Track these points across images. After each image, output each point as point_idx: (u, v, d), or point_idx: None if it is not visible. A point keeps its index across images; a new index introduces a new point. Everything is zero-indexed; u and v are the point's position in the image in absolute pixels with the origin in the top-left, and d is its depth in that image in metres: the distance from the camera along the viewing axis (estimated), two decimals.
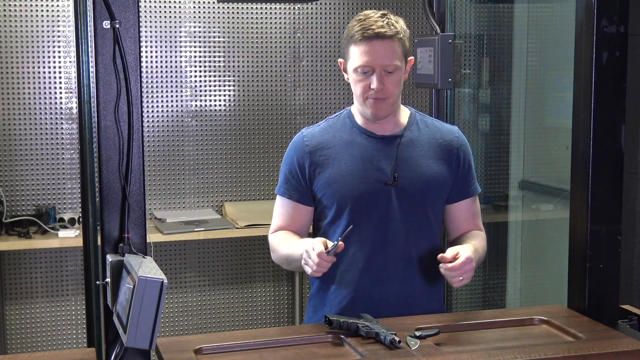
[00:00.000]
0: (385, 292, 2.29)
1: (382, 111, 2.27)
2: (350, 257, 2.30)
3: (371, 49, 2.21)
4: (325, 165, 2.32)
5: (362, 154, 2.31)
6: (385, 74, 2.23)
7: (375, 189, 2.28)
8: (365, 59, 2.22)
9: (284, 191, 2.37)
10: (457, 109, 4.14)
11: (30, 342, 4.26)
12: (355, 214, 2.29)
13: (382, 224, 2.29)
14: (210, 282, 4.48)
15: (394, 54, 2.23)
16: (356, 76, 2.26)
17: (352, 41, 2.24)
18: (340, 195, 2.29)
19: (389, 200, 2.29)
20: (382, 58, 2.21)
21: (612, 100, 2.22)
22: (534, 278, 4.21)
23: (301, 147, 2.35)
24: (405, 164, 2.31)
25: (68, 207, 4.22)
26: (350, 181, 2.29)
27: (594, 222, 2.23)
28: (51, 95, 4.16)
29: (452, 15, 3.45)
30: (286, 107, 4.50)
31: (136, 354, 1.82)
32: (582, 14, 2.22)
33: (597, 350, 1.94)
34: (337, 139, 2.34)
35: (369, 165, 2.30)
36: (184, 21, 4.31)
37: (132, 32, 1.80)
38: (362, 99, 2.27)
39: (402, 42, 2.26)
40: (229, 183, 4.46)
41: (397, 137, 2.33)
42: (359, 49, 2.22)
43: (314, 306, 2.41)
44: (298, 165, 2.34)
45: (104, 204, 1.83)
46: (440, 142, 2.36)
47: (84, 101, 2.88)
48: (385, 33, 2.21)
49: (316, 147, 2.34)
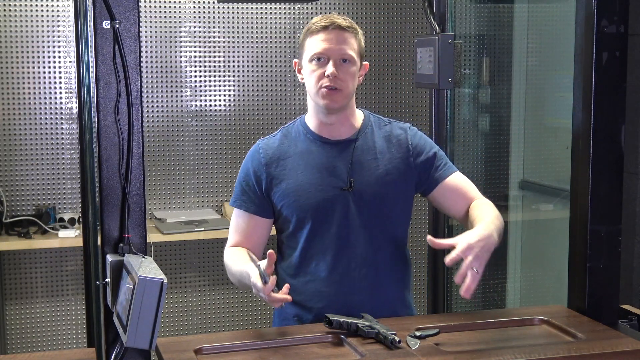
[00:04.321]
0: (351, 301, 2.26)
1: (335, 102, 2.24)
2: (314, 267, 2.29)
3: (327, 37, 2.23)
4: (282, 176, 2.30)
5: (318, 161, 2.29)
6: (340, 64, 2.23)
7: (332, 196, 2.26)
8: (321, 46, 2.23)
9: (240, 203, 2.35)
10: (457, 109, 4.14)
11: (30, 342, 4.26)
12: (316, 222, 2.27)
13: (343, 231, 2.27)
14: (210, 282, 4.48)
15: (350, 44, 2.24)
16: (311, 67, 2.25)
17: (308, 33, 2.27)
18: (299, 205, 2.27)
19: (347, 206, 2.26)
20: (338, 45, 2.22)
21: (612, 100, 2.22)
22: (534, 278, 4.21)
23: (257, 159, 2.33)
24: (361, 168, 2.29)
25: (68, 207, 4.22)
26: (307, 190, 2.27)
27: (594, 222, 2.23)
28: (51, 95, 4.16)
29: (452, 15, 3.45)
30: (286, 107, 4.50)
31: (136, 354, 1.82)
32: (582, 14, 2.22)
33: (597, 350, 1.94)
34: (292, 149, 2.32)
35: (325, 173, 2.28)
36: (184, 21, 4.31)
37: (132, 32, 1.80)
38: (315, 89, 2.24)
39: (358, 39, 2.28)
40: (229, 183, 4.46)
41: (351, 141, 2.31)
42: (316, 38, 2.24)
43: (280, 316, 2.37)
44: (255, 177, 2.32)
45: (104, 204, 1.83)
46: (393, 142, 2.34)
47: (84, 101, 2.88)
48: (341, 24, 2.24)
49: (272, 158, 2.32)
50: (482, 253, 1.98)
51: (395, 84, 4.58)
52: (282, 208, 2.30)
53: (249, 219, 2.35)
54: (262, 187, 2.32)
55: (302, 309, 2.31)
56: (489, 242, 2.02)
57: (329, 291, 2.28)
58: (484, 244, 1.99)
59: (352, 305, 2.24)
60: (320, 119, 2.31)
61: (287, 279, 2.32)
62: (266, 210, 2.33)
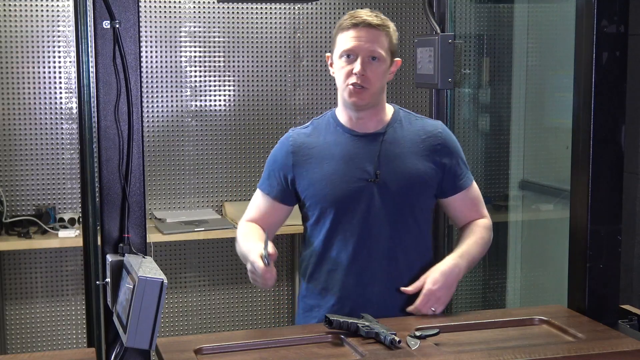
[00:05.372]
0: (370, 292, 2.29)
1: (362, 100, 2.26)
2: (335, 257, 2.31)
3: (357, 34, 2.24)
4: (308, 165, 2.33)
5: (345, 153, 2.32)
6: (369, 62, 2.24)
7: (357, 187, 2.28)
8: (351, 43, 2.25)
9: (265, 187, 2.40)
10: (457, 109, 4.14)
11: (30, 342, 4.26)
12: (339, 213, 2.29)
13: (365, 222, 2.29)
14: (210, 282, 4.48)
15: (379, 42, 2.25)
16: (340, 63, 2.27)
17: (340, 29, 2.28)
18: (323, 196, 2.30)
19: (371, 197, 2.28)
20: (367, 43, 2.24)
21: (612, 100, 2.22)
22: (534, 278, 4.21)
23: (286, 147, 2.38)
24: (388, 162, 2.30)
25: (68, 207, 4.22)
26: (332, 180, 2.29)
27: (594, 222, 2.23)
28: (51, 95, 4.16)
29: (452, 15, 3.45)
30: (286, 107, 4.50)
31: (136, 354, 1.82)
32: (582, 14, 2.22)
33: (597, 350, 1.94)
34: (321, 140, 2.36)
35: (351, 164, 2.30)
36: (184, 21, 4.31)
37: (132, 32, 1.80)
38: (344, 85, 2.27)
39: (389, 36, 2.29)
40: (229, 183, 4.46)
41: (379, 135, 2.33)
42: (347, 34, 2.26)
43: (303, 308, 2.41)
44: (281, 164, 2.37)
45: (104, 204, 1.83)
46: (423, 139, 2.35)
47: (84, 101, 2.88)
48: (372, 22, 2.25)
49: (300, 147, 2.35)
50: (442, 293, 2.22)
51: (396, 83, 4.58)
52: (306, 197, 2.34)
53: (270, 203, 2.40)
54: (287, 175, 2.35)
55: (323, 298, 2.34)
56: (452, 274, 2.25)
57: (348, 281, 2.31)
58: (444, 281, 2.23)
59: (370, 296, 2.29)
60: (349, 114, 2.34)
61: (310, 267, 2.37)
62: (288, 198, 2.38)
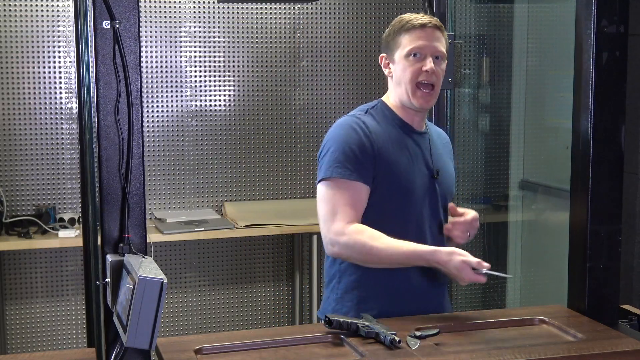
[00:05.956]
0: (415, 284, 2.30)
1: (428, 103, 2.33)
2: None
3: (424, 34, 2.29)
4: (384, 152, 2.28)
5: (409, 147, 2.34)
6: (435, 60, 2.29)
7: (424, 182, 2.32)
8: (419, 42, 2.28)
9: (346, 173, 2.22)
10: (457, 109, 4.14)
11: (30, 342, 4.26)
12: (408, 204, 2.30)
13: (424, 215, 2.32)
14: (210, 282, 4.48)
15: (442, 43, 2.32)
16: (407, 62, 2.30)
17: (403, 30, 2.31)
18: (400, 186, 2.28)
19: (434, 193, 2.34)
20: (435, 42, 2.29)
21: (612, 100, 2.22)
22: (534, 278, 4.21)
23: (362, 130, 2.27)
24: (439, 160, 2.39)
25: (68, 207, 4.22)
26: (405, 172, 2.29)
27: (594, 222, 2.23)
28: (51, 95, 4.16)
29: (452, 15, 3.46)
30: (286, 107, 4.50)
31: (136, 354, 1.82)
32: (582, 14, 2.22)
33: (597, 350, 1.94)
34: (385, 130, 2.32)
35: (416, 159, 2.33)
36: (184, 21, 4.31)
37: (132, 32, 1.80)
38: (411, 85, 2.29)
39: (445, 38, 2.35)
40: (229, 183, 4.46)
41: (427, 134, 2.40)
42: (413, 34, 2.29)
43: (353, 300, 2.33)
44: (362, 144, 2.25)
45: (104, 204, 1.83)
46: (444, 142, 2.48)
47: (84, 101, 2.88)
48: (436, 23, 2.32)
49: (373, 131, 2.29)
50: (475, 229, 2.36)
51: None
52: (381, 183, 2.26)
53: (357, 189, 2.24)
54: (370, 155, 2.25)
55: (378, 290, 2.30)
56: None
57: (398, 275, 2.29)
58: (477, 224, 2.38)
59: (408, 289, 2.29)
60: (408, 111, 2.35)
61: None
62: (370, 179, 2.26)
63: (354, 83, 4.57)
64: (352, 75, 4.56)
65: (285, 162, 4.50)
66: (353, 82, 4.56)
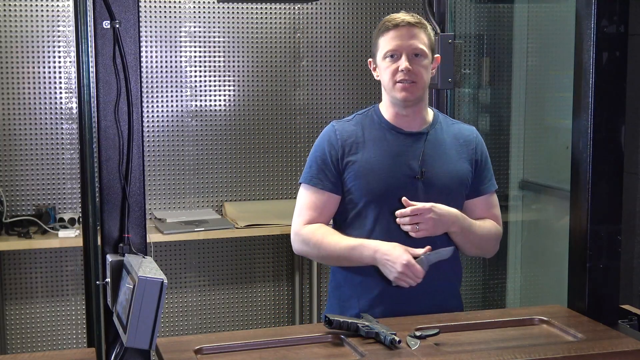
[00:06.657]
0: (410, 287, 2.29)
1: (412, 95, 2.33)
2: None
3: (398, 34, 2.33)
4: (355, 158, 2.36)
5: (391, 149, 2.37)
6: (413, 58, 2.32)
7: (403, 183, 2.33)
8: (393, 43, 2.32)
9: (315, 181, 2.39)
10: (457, 109, 4.14)
11: (30, 342, 4.26)
12: (384, 206, 2.33)
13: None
14: (210, 282, 4.48)
15: (420, 39, 2.34)
16: (385, 63, 2.34)
17: (379, 33, 2.37)
18: (370, 189, 2.34)
19: (415, 193, 2.33)
20: (409, 40, 2.32)
21: (612, 100, 2.22)
22: (534, 278, 4.21)
23: (333, 137, 2.40)
24: (432, 161, 2.37)
25: (68, 207, 4.22)
26: (378, 174, 2.34)
27: (594, 222, 2.23)
28: (51, 95, 4.16)
29: (452, 15, 3.46)
30: (286, 107, 4.50)
31: (136, 354, 1.82)
32: (582, 13, 2.22)
33: (597, 350, 1.94)
34: (367, 134, 2.40)
35: (397, 160, 2.35)
36: (184, 21, 4.31)
37: (132, 32, 1.80)
38: (391, 83, 2.34)
39: (427, 34, 2.37)
40: (229, 183, 4.46)
41: (423, 134, 2.40)
42: (388, 36, 2.34)
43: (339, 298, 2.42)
44: (330, 154, 2.38)
45: (104, 204, 1.83)
46: (461, 142, 2.45)
47: (84, 101, 2.88)
48: (410, 21, 2.34)
49: (347, 139, 2.39)
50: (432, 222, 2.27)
51: None
52: (351, 188, 2.36)
53: (323, 197, 2.39)
54: (337, 164, 2.38)
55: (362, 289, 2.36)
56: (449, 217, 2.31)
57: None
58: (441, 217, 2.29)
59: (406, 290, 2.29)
60: (397, 110, 2.39)
61: None
62: (339, 188, 2.39)
63: (354, 83, 4.57)
64: (352, 75, 4.56)
65: (285, 162, 4.50)
66: (353, 82, 4.56)
